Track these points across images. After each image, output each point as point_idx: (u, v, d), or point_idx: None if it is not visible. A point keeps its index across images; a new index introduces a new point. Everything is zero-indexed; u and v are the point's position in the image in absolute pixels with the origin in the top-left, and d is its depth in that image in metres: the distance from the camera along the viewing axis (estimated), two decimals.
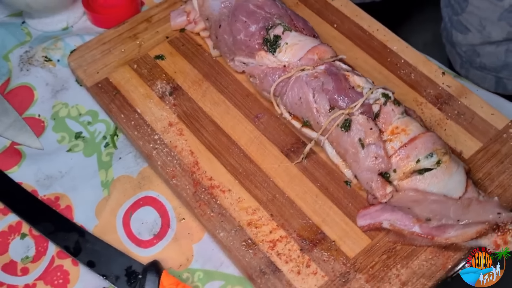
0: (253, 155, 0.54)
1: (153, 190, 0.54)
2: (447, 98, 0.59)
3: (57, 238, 0.49)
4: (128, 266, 0.47)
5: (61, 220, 0.50)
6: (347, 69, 0.53)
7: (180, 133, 0.56)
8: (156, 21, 0.65)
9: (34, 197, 0.52)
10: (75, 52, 0.62)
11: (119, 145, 0.57)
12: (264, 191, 0.52)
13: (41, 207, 0.51)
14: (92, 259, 0.47)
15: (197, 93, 0.59)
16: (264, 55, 0.55)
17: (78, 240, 0.48)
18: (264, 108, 0.58)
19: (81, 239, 0.48)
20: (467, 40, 0.79)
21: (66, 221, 0.50)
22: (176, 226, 0.52)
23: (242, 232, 0.49)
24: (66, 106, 0.60)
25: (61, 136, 0.58)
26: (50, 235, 0.49)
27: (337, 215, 0.50)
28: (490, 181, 0.53)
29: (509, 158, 0.54)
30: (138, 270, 0.46)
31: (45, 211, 0.50)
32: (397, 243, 0.48)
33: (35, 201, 0.51)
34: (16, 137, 0.57)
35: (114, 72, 0.61)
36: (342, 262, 0.47)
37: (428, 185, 0.46)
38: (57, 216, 0.50)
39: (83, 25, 0.68)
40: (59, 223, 0.50)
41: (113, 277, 0.45)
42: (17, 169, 0.55)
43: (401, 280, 0.46)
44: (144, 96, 0.59)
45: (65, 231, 0.49)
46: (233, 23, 0.57)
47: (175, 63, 0.62)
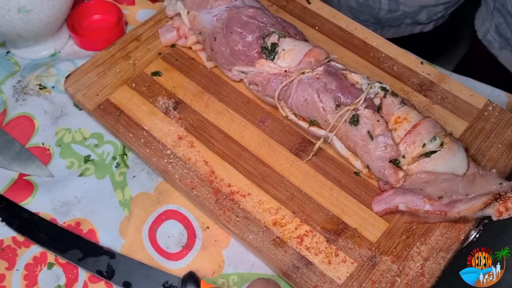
0: (265, 158, 0.57)
1: (173, 204, 0.55)
2: (430, 85, 0.64)
3: (88, 264, 0.48)
4: (165, 281, 0.47)
5: (87, 244, 0.50)
6: (343, 68, 0.57)
7: (191, 145, 0.57)
8: (145, 39, 0.66)
9: (56, 226, 0.51)
10: (70, 77, 0.62)
11: (130, 163, 0.58)
12: (282, 191, 0.54)
13: (65, 234, 0.50)
14: (128, 280, 0.47)
15: (200, 105, 0.61)
16: (265, 63, 0.57)
17: (109, 263, 0.48)
18: (266, 112, 0.60)
19: (112, 261, 0.48)
20: None
21: (93, 245, 0.50)
22: (202, 235, 0.53)
23: (269, 232, 0.51)
24: (69, 131, 0.60)
25: (69, 162, 0.58)
26: (80, 261, 0.49)
27: (354, 204, 0.54)
28: (482, 156, 0.58)
29: (493, 133, 0.60)
30: (175, 283, 0.46)
31: (70, 238, 0.50)
32: (413, 223, 0.52)
33: (58, 229, 0.51)
34: (24, 168, 0.56)
35: (113, 92, 0.61)
36: (367, 247, 0.51)
37: (436, 166, 0.50)
38: (83, 242, 0.50)
39: (71, 49, 0.68)
40: (86, 248, 0.49)
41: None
42: (32, 200, 0.55)
43: (423, 257, 0.50)
44: (149, 113, 0.59)
45: (94, 256, 0.49)
46: (229, 35, 0.59)
47: (172, 78, 0.63)
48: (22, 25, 0.60)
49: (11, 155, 0.57)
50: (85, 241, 0.50)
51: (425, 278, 0.49)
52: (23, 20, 0.59)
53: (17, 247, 0.52)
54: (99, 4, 0.70)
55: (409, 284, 0.49)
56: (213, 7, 0.61)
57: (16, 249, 0.52)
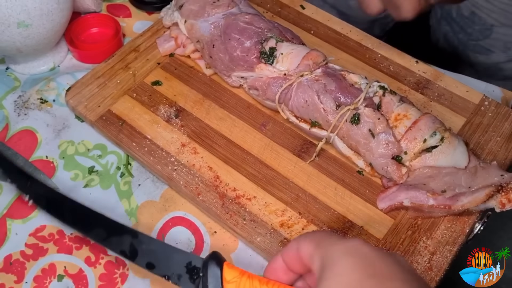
0: (268, 161, 0.57)
1: (179, 210, 0.55)
2: (426, 83, 0.65)
3: (112, 244, 0.46)
4: (188, 262, 0.42)
5: (111, 224, 0.47)
6: (341, 69, 0.58)
7: (195, 151, 0.58)
8: (144, 50, 0.67)
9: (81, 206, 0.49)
10: (71, 90, 0.62)
11: (135, 172, 0.58)
12: (287, 192, 0.55)
13: (91, 214, 0.48)
14: (151, 261, 0.44)
15: (201, 112, 0.61)
16: (264, 67, 0.58)
17: (132, 243, 0.45)
18: (267, 116, 0.61)
19: (135, 240, 0.45)
20: (491, 59, 0.82)
21: (117, 225, 0.47)
22: (210, 240, 0.53)
23: (276, 234, 0.52)
24: (72, 143, 0.60)
25: (74, 174, 0.58)
26: (104, 242, 0.46)
27: (358, 202, 0.54)
28: (481, 149, 0.59)
29: (491, 127, 0.61)
30: (199, 264, 0.42)
31: (96, 218, 0.47)
32: (418, 218, 0.53)
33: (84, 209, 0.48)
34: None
35: (115, 103, 0.61)
36: (374, 244, 0.51)
37: (438, 161, 0.51)
38: (107, 222, 0.47)
39: (70, 63, 0.68)
40: (110, 228, 0.46)
41: (175, 276, 0.42)
42: (38, 214, 0.55)
43: (430, 251, 0.51)
44: (151, 122, 0.60)
45: (118, 236, 0.46)
46: (227, 42, 0.60)
47: (172, 87, 0.64)
48: (22, 40, 0.60)
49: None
50: (109, 220, 0.47)
51: (433, 272, 0.50)
52: (22, 35, 0.59)
53: (25, 260, 0.52)
54: (97, 18, 0.71)
55: None
56: (210, 15, 0.62)
57: (25, 262, 0.52)
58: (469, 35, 0.83)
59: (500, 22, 0.77)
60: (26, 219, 0.54)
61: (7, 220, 0.55)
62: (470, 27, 0.81)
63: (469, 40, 0.83)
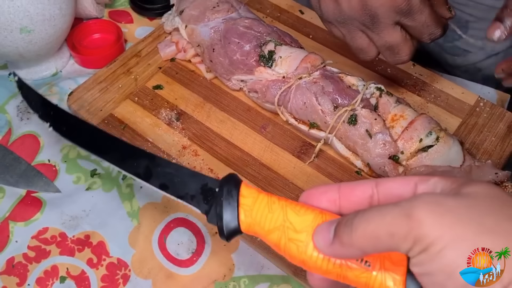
0: (268, 163, 0.58)
1: (181, 212, 0.56)
2: (422, 85, 0.67)
3: (126, 166, 0.44)
4: (204, 184, 0.41)
5: (127, 148, 0.45)
6: (339, 71, 0.59)
7: (195, 154, 0.59)
8: (145, 55, 0.68)
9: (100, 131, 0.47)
10: (73, 94, 0.63)
11: None
12: (287, 193, 0.56)
13: (107, 138, 0.46)
14: (165, 182, 0.42)
15: (202, 115, 0.62)
16: (263, 70, 0.59)
17: (148, 165, 0.43)
18: (267, 118, 0.62)
19: (151, 163, 0.43)
20: (468, 60, 0.80)
21: (133, 148, 0.45)
22: (211, 240, 0.54)
23: None
24: (74, 147, 0.61)
25: (76, 177, 0.59)
26: (119, 163, 0.44)
27: None
28: (476, 149, 0.60)
29: (486, 128, 0.62)
30: (215, 186, 0.39)
31: (112, 141, 0.46)
32: None
33: (102, 133, 0.47)
34: (31, 185, 0.57)
35: (117, 107, 0.62)
36: None
37: (433, 160, 0.52)
38: (123, 144, 0.46)
39: (72, 68, 0.70)
40: (126, 151, 0.45)
41: (188, 197, 0.40)
42: (40, 216, 0.55)
43: None
44: (152, 125, 0.61)
45: (133, 158, 0.44)
46: (227, 46, 0.61)
47: (173, 90, 0.65)
48: (25, 45, 0.61)
49: (18, 173, 0.58)
50: (125, 144, 0.46)
51: None
52: (25, 40, 0.60)
53: (28, 263, 0.53)
54: (99, 23, 0.72)
55: None
56: (210, 20, 0.63)
57: (27, 265, 0.53)
58: (445, 36, 0.82)
59: (476, 17, 0.75)
60: (28, 221, 0.55)
61: (9, 223, 0.55)
62: None
63: (445, 42, 0.81)
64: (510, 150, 0.60)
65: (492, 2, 0.73)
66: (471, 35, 0.77)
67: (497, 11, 0.50)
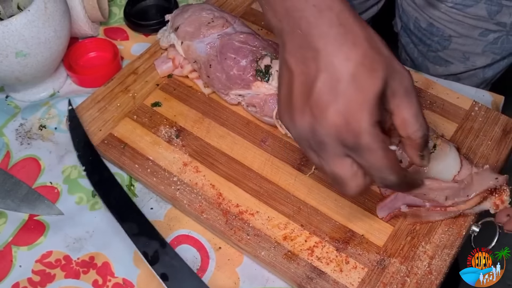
0: (269, 176, 0.59)
1: (184, 228, 0.56)
2: (418, 91, 0.67)
3: (139, 241, 0.49)
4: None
5: (146, 224, 0.50)
6: None
7: (196, 170, 0.59)
8: (142, 72, 0.68)
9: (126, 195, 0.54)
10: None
11: (138, 193, 0.59)
12: (289, 206, 0.56)
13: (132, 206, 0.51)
14: (167, 273, 0.47)
15: (201, 131, 0.63)
16: (260, 85, 0.60)
17: (157, 250, 0.48)
18: (266, 132, 0.63)
19: (161, 249, 0.48)
20: (449, 70, 0.83)
21: (151, 226, 0.50)
22: (215, 255, 0.54)
23: (280, 247, 0.53)
24: (75, 167, 0.61)
25: (78, 198, 0.59)
26: (133, 236, 0.49)
27: (358, 211, 0.56)
28: (473, 154, 0.61)
29: (482, 132, 0.63)
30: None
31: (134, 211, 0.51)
32: (416, 224, 0.55)
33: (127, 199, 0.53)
34: (33, 209, 0.57)
35: (116, 126, 0.63)
36: (375, 252, 0.53)
37: (431, 167, 0.53)
38: (143, 220, 0.51)
39: (69, 88, 0.70)
40: (144, 226, 0.50)
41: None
42: (44, 240, 0.55)
43: (429, 255, 0.52)
44: (152, 144, 0.61)
45: (147, 237, 0.49)
46: (224, 61, 0.61)
47: (172, 107, 0.65)
48: (21, 69, 0.61)
49: (19, 197, 0.58)
50: (145, 220, 0.51)
51: (433, 276, 0.51)
52: (21, 64, 0.61)
53: (33, 287, 0.53)
54: (94, 42, 0.73)
55: (419, 283, 0.51)
56: (205, 36, 0.63)
57: None
58: (428, 46, 0.83)
59: (458, 33, 0.78)
60: (31, 245, 0.55)
61: (12, 247, 0.55)
62: (429, 39, 0.82)
63: (429, 51, 0.83)
64: (506, 153, 0.61)
65: (474, 22, 0.76)
66: (453, 49, 0.80)
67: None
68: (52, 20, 0.60)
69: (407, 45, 0.88)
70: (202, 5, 0.68)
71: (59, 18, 0.61)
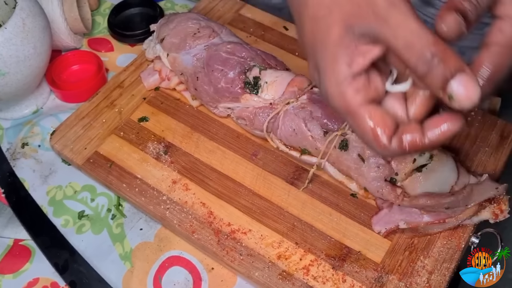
0: (261, 192, 0.57)
1: (174, 249, 0.54)
2: None
3: (50, 253, 0.52)
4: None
5: (57, 236, 0.53)
6: None
7: (186, 188, 0.57)
8: (128, 85, 0.66)
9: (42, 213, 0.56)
10: (55, 133, 0.61)
11: (127, 213, 0.57)
12: (282, 223, 0.54)
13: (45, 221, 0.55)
14: (75, 280, 0.50)
15: (190, 146, 0.61)
16: (249, 98, 0.58)
17: (67, 259, 0.51)
18: (257, 145, 0.61)
19: (70, 258, 0.52)
20: None
21: (62, 238, 0.53)
22: (207, 277, 0.53)
23: (274, 267, 0.51)
24: (60, 188, 0.59)
25: (64, 220, 0.57)
26: (45, 249, 0.52)
27: (354, 226, 0.54)
28: (471, 161, 0.59)
29: (479, 138, 0.61)
30: None
31: (48, 227, 0.54)
32: (414, 237, 0.53)
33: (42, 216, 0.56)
34: (18, 233, 0.55)
35: (102, 144, 0.61)
36: (373, 268, 0.51)
37: (429, 178, 0.51)
38: (55, 232, 0.54)
39: (53, 103, 0.68)
40: (55, 239, 0.53)
41: None
42: (30, 266, 0.54)
43: (428, 270, 0.51)
44: (140, 161, 0.59)
45: (58, 248, 0.52)
46: (211, 73, 0.59)
47: (160, 122, 0.63)
48: (0, 89, 0.59)
49: (3, 221, 0.56)
50: (58, 231, 0.54)
51: None
52: (0, 83, 0.58)
53: None
54: (77, 55, 0.70)
55: None
56: (191, 47, 0.61)
57: None
58: None
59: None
60: (17, 273, 0.53)
61: None
62: None
63: None
64: (504, 160, 0.59)
65: None
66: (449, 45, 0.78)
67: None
68: (31, 37, 0.58)
69: None
70: (188, 14, 0.66)
71: (38, 34, 0.59)
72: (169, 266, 0.53)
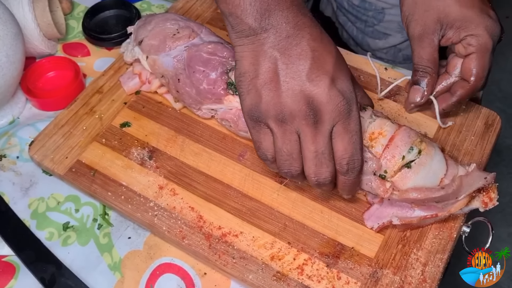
0: (250, 193, 0.56)
1: (165, 256, 0.53)
2: (397, 89, 0.65)
3: (36, 268, 0.51)
4: None
5: (42, 250, 0.52)
6: None
7: (174, 193, 0.56)
8: (108, 90, 0.64)
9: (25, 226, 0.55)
10: (34, 143, 0.59)
11: (114, 222, 0.56)
12: (273, 223, 0.54)
13: (29, 236, 0.53)
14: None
15: (175, 150, 0.59)
16: (232, 99, 0.57)
17: (54, 273, 0.50)
18: (244, 145, 0.60)
19: (57, 272, 0.50)
20: (389, 43, 0.85)
21: (48, 252, 0.52)
22: (200, 282, 0.52)
23: (268, 268, 0.51)
24: (42, 200, 0.57)
25: (48, 233, 0.55)
26: (30, 265, 0.51)
27: (346, 223, 0.54)
28: (457, 151, 0.59)
29: (464, 127, 0.61)
30: None
31: (31, 240, 0.52)
32: (406, 230, 0.53)
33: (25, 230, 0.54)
34: (0, 249, 0.53)
35: (83, 152, 0.59)
36: (367, 264, 0.51)
37: (418, 173, 0.51)
38: (39, 246, 0.52)
39: (30, 113, 0.65)
40: (40, 253, 0.52)
41: None
42: (15, 283, 0.52)
43: (421, 262, 0.51)
44: (124, 168, 0.58)
45: (44, 262, 0.51)
46: (192, 75, 0.58)
47: (142, 126, 0.61)
48: None
49: None
50: (42, 245, 0.53)
51: (427, 284, 0.50)
52: None
53: None
54: (53, 61, 0.68)
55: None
56: (171, 49, 0.60)
57: None
58: (365, 22, 0.85)
59: (389, 4, 0.81)
60: None
61: None
62: (364, 14, 0.85)
63: (366, 27, 0.86)
64: (490, 147, 0.60)
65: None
66: (388, 20, 0.83)
67: (412, 76, 0.58)
68: (2, 45, 0.55)
69: (345, 24, 0.90)
70: (165, 15, 0.64)
71: (10, 41, 0.56)
72: (161, 273, 0.52)
